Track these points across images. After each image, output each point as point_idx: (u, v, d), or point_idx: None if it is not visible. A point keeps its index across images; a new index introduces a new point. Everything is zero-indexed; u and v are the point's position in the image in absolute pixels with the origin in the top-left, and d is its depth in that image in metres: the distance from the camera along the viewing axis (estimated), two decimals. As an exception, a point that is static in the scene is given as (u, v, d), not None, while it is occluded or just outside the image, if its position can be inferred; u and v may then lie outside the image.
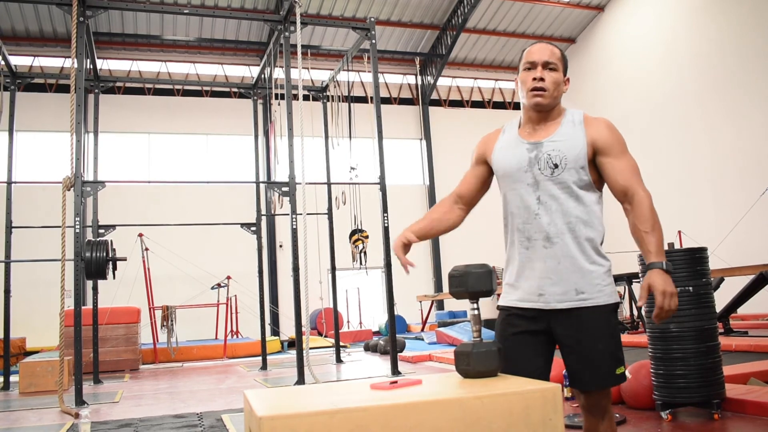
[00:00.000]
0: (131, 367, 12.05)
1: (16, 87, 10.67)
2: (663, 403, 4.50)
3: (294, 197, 8.75)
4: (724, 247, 12.92)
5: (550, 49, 2.46)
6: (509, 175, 2.47)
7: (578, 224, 2.40)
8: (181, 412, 6.56)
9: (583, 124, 2.44)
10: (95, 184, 8.38)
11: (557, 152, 2.39)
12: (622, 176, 2.40)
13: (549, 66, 2.43)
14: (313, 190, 10.76)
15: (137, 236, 13.19)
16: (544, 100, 2.42)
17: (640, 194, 2.38)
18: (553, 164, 2.38)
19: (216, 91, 19.67)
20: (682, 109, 17.26)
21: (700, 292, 4.48)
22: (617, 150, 2.42)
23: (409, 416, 1.64)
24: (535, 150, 2.42)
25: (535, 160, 2.41)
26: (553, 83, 2.43)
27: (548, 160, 2.39)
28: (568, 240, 2.38)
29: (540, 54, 2.44)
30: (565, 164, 2.38)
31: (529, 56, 2.46)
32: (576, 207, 2.41)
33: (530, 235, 2.41)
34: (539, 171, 2.39)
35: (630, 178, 2.40)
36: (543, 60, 2.43)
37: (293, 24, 8.93)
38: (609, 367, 2.35)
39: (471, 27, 20.47)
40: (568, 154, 2.38)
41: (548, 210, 2.39)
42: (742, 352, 7.63)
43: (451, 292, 2.19)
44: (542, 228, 2.39)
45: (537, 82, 2.41)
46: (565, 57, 2.52)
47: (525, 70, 2.47)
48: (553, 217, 2.39)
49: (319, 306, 17.01)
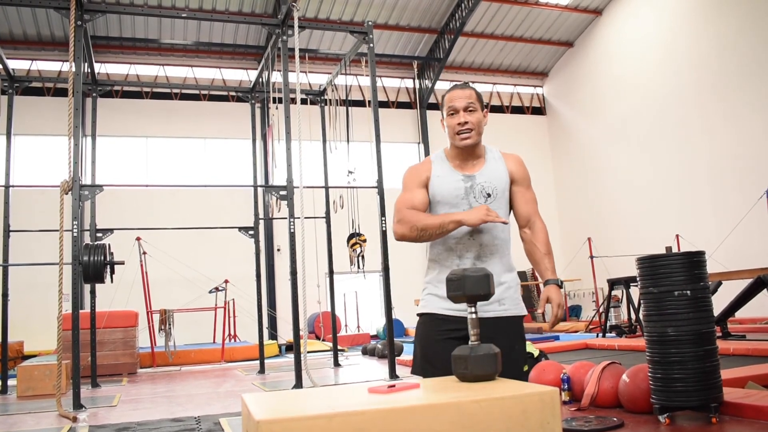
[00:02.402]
0: (129, 371, 12.04)
1: (14, 91, 10.67)
2: (661, 407, 4.50)
3: (292, 201, 8.75)
4: (722, 250, 12.94)
5: (467, 94, 2.78)
6: (447, 202, 2.80)
7: (503, 245, 2.80)
8: (179, 415, 6.55)
9: (503, 159, 2.89)
10: (93, 188, 8.38)
11: (489, 183, 2.79)
12: (528, 205, 2.88)
13: (469, 109, 2.76)
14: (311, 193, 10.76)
15: (135, 240, 13.18)
16: (472, 140, 2.78)
17: (539, 223, 2.87)
18: (486, 194, 2.78)
19: (214, 95, 19.67)
20: (681, 112, 17.29)
21: (698, 295, 4.49)
22: (526, 183, 2.92)
23: (407, 420, 1.64)
24: (470, 181, 2.80)
25: (470, 190, 2.78)
26: (475, 123, 2.77)
27: (482, 190, 2.78)
28: (495, 259, 2.76)
29: (460, 100, 2.77)
30: (496, 194, 2.80)
31: (450, 102, 2.79)
32: (502, 231, 2.79)
33: (462, 254, 2.75)
34: (474, 199, 2.77)
35: (533, 208, 2.89)
36: (463, 105, 2.76)
37: (291, 28, 8.95)
38: (520, 364, 2.76)
39: (469, 31, 20.49)
40: (498, 185, 2.81)
41: (481, 233, 2.74)
42: (740, 355, 7.64)
43: (448, 295, 2.20)
44: (474, 248, 2.74)
45: (462, 126, 2.76)
46: (479, 95, 2.84)
47: (449, 116, 2.80)
48: (484, 239, 2.74)
49: (317, 310, 17.00)
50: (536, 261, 2.83)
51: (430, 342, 2.74)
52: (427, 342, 2.76)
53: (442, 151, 2.93)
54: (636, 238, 17.66)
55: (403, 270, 17.11)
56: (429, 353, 2.74)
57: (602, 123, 20.43)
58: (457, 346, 2.45)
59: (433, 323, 2.76)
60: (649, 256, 4.73)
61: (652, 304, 4.59)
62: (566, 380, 5.56)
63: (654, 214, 17.87)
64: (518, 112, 23.61)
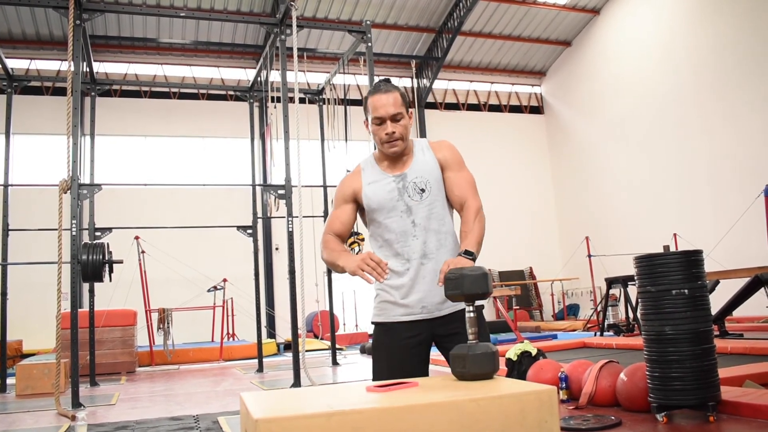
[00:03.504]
0: (128, 370, 12.05)
1: (13, 90, 10.67)
2: (658, 406, 4.51)
3: (290, 200, 8.76)
4: (720, 249, 12.94)
5: (392, 100, 2.67)
6: (383, 206, 2.73)
7: (448, 238, 2.72)
8: (178, 414, 6.56)
9: (431, 149, 2.80)
10: (92, 187, 8.39)
11: (420, 178, 2.72)
12: (460, 189, 2.75)
13: (396, 117, 2.67)
14: (309, 192, 10.77)
15: (134, 239, 13.18)
16: (399, 148, 2.71)
17: (469, 202, 2.72)
18: (420, 189, 2.71)
19: (212, 94, 19.65)
20: (679, 111, 17.29)
21: (696, 294, 4.49)
22: (457, 165, 2.78)
23: (405, 419, 1.65)
24: (402, 180, 2.73)
25: (403, 189, 2.71)
26: (403, 131, 2.70)
27: (414, 187, 2.71)
28: (442, 254, 2.68)
29: (385, 109, 2.66)
30: (430, 187, 2.71)
31: (375, 112, 2.68)
32: (445, 223, 2.73)
33: (409, 256, 2.68)
34: (409, 198, 2.70)
35: (466, 190, 2.75)
36: (389, 114, 2.66)
37: (289, 27, 8.95)
38: None
39: (467, 30, 20.48)
40: (430, 177, 2.72)
41: (423, 230, 2.68)
42: (738, 354, 7.65)
43: (447, 294, 2.20)
44: (419, 247, 2.68)
45: (390, 136, 2.68)
46: (403, 95, 2.74)
47: (375, 124, 2.71)
48: (427, 236, 2.68)
49: (315, 308, 17.01)
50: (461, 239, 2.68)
51: (394, 351, 2.68)
52: (391, 351, 2.70)
53: (371, 156, 2.89)
54: (634, 237, 17.66)
55: (401, 269, 17.11)
56: (395, 362, 2.67)
57: (600, 122, 20.43)
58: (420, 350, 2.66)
59: (392, 331, 2.70)
60: (646, 254, 4.74)
61: (650, 303, 4.60)
62: (564, 379, 5.56)
63: (652, 213, 17.88)
64: (516, 111, 23.60)
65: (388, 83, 2.76)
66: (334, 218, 2.84)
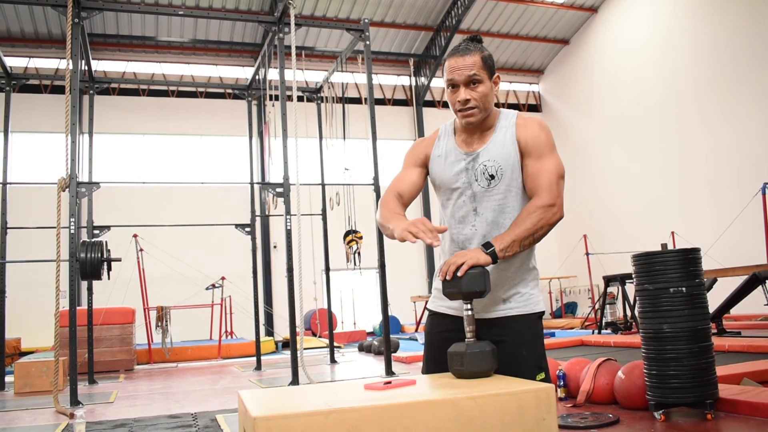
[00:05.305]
0: (126, 368, 12.04)
1: (12, 88, 10.66)
2: (656, 404, 4.53)
3: (288, 198, 8.76)
4: (718, 247, 12.97)
5: (470, 62, 2.28)
6: (446, 186, 2.43)
7: None
8: (176, 412, 6.56)
9: (515, 127, 2.38)
10: (90, 185, 8.39)
11: (492, 162, 2.33)
12: (534, 180, 2.33)
13: (472, 81, 2.29)
14: (307, 190, 10.76)
15: (132, 237, 13.18)
16: (475, 119, 2.33)
17: (538, 196, 2.30)
18: (489, 175, 2.34)
19: (210, 92, 19.64)
20: (677, 109, 17.30)
21: (693, 292, 4.51)
22: (538, 152, 2.35)
23: (403, 416, 1.66)
24: (472, 161, 2.37)
25: (472, 171, 2.36)
26: (480, 98, 2.31)
27: (484, 171, 2.34)
28: None
29: (460, 72, 2.29)
30: (501, 174, 2.33)
31: (449, 74, 2.31)
32: (512, 211, 2.35)
33: (463, 245, 2.37)
34: (476, 182, 2.35)
35: (540, 182, 2.32)
36: (464, 78, 2.29)
37: (287, 25, 8.95)
38: (528, 374, 2.21)
39: (465, 28, 20.47)
40: (504, 163, 2.33)
41: (484, 222, 2.35)
42: (735, 352, 7.67)
43: (444, 293, 2.19)
44: (477, 240, 2.34)
45: (464, 104, 2.31)
46: (485, 59, 2.33)
47: (449, 89, 2.35)
48: (490, 230, 2.34)
49: (313, 306, 17.02)
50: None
51: (433, 340, 2.48)
52: (430, 340, 2.51)
53: (451, 123, 2.52)
54: (631, 235, 17.68)
55: (399, 267, 17.15)
56: (431, 351, 2.49)
57: (598, 120, 20.43)
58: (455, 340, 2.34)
59: (434, 320, 2.50)
60: (644, 253, 4.75)
61: (648, 301, 4.61)
62: (562, 377, 5.58)
63: (650, 211, 17.89)
64: (514, 109, 23.53)
65: (472, 42, 2.35)
66: (403, 177, 2.51)
